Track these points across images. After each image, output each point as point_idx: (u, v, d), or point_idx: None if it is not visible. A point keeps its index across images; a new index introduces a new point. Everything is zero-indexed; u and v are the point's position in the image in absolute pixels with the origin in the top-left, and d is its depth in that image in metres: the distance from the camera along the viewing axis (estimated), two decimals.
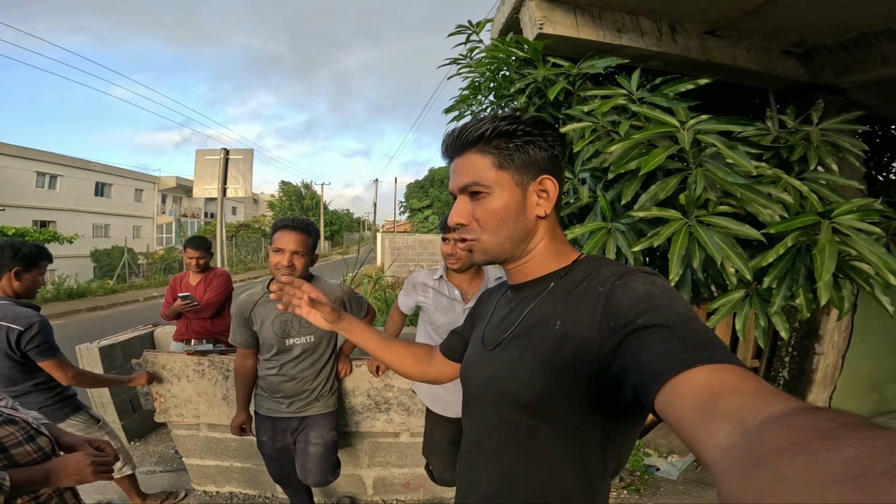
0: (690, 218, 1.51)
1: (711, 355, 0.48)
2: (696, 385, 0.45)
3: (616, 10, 2.43)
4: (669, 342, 0.52)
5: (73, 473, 1.13)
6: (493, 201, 0.73)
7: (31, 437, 1.14)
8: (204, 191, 5.55)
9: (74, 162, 22.24)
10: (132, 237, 23.27)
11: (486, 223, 0.74)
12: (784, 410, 0.35)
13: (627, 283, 0.63)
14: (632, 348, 0.55)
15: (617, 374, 0.57)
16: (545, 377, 0.66)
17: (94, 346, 3.21)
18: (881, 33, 2.47)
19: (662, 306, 0.57)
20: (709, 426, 0.40)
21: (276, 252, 1.82)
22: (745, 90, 3.24)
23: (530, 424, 0.69)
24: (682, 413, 0.44)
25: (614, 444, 0.68)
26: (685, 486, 2.76)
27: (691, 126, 1.53)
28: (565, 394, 0.65)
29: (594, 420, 0.65)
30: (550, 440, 0.68)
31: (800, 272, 1.55)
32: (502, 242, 0.75)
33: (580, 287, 0.69)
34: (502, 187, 0.73)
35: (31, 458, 1.11)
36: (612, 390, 0.59)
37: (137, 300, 13.38)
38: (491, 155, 0.73)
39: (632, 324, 0.57)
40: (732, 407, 0.40)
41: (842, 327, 3.14)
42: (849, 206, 1.49)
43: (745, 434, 0.36)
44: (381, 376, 2.35)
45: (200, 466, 2.67)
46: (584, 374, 0.62)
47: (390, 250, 15.05)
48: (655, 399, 0.49)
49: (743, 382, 0.43)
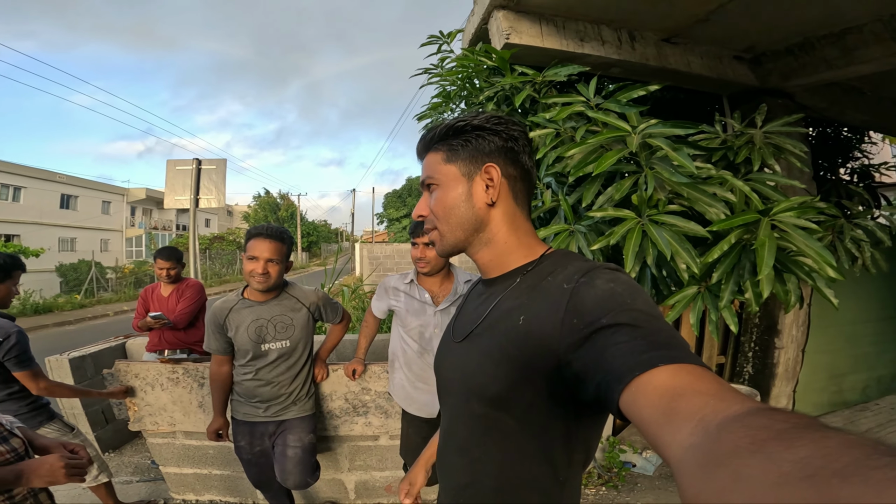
0: (643, 217, 1.62)
1: (674, 355, 0.49)
2: (659, 385, 0.46)
3: (579, 20, 2.56)
4: (633, 341, 0.52)
5: (44, 475, 1.14)
6: (441, 192, 0.78)
7: (3, 438, 1.15)
8: (175, 202, 5.45)
9: (38, 173, 21.46)
10: (100, 251, 22.52)
11: (437, 213, 0.79)
12: (742, 410, 0.36)
13: (591, 281, 0.63)
14: (596, 347, 0.56)
15: (578, 372, 0.58)
16: (509, 371, 0.67)
17: (65, 358, 3.13)
18: (823, 37, 2.65)
19: (626, 304, 0.58)
20: (671, 426, 0.41)
21: (250, 260, 1.86)
22: (704, 96, 3.42)
23: (496, 417, 0.71)
24: (646, 413, 0.45)
25: (578, 438, 0.70)
26: (661, 482, 2.85)
27: (641, 130, 1.64)
28: (528, 389, 0.66)
29: (556, 415, 0.67)
30: (515, 433, 0.70)
31: (745, 267, 1.67)
32: (454, 231, 0.78)
33: (545, 282, 0.70)
34: (449, 178, 0.78)
35: (4, 459, 1.13)
36: (572, 387, 0.60)
37: (107, 315, 12.97)
38: (441, 151, 0.79)
39: (595, 322, 0.57)
40: (694, 407, 0.41)
41: (799, 322, 3.31)
42: (788, 204, 1.62)
43: (705, 434, 0.36)
44: (358, 380, 2.38)
45: (178, 475, 2.64)
46: (545, 370, 0.63)
47: (369, 260, 15.01)
48: (620, 398, 0.49)
49: (704, 383, 0.44)
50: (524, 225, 0.80)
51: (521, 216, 0.80)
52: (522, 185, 0.79)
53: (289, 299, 2.03)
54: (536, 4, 2.37)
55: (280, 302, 2.01)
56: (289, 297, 2.04)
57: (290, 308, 2.02)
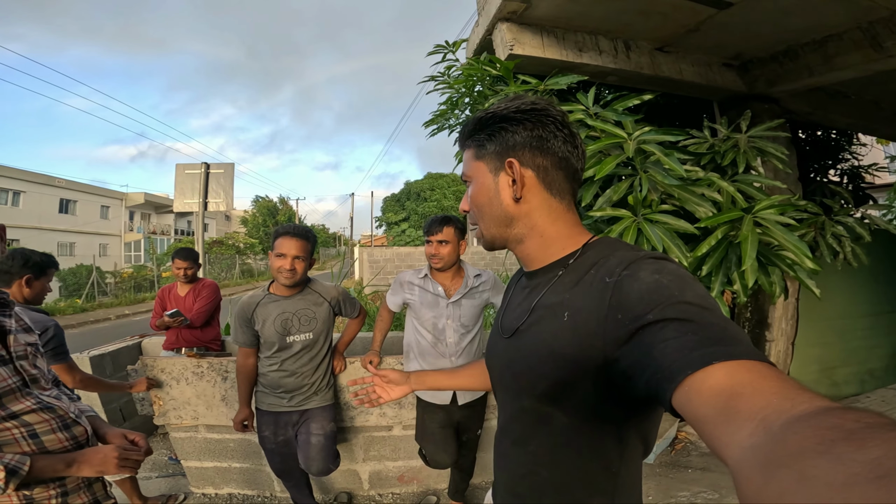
0: (638, 216, 1.78)
1: (730, 351, 0.46)
2: (715, 383, 0.44)
3: (578, 31, 2.73)
4: (684, 337, 0.50)
5: (96, 464, 1.14)
6: (474, 189, 0.79)
7: (66, 425, 1.16)
8: (185, 205, 5.61)
9: (38, 178, 21.54)
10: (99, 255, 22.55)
11: (473, 210, 0.81)
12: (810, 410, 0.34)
13: (635, 273, 0.60)
14: (643, 344, 0.53)
15: (625, 370, 0.56)
16: (555, 368, 0.67)
17: (85, 356, 3.26)
18: (806, 45, 2.81)
19: (673, 297, 0.55)
20: (730, 426, 0.39)
21: (278, 257, 2.01)
22: (696, 102, 3.58)
23: (547, 412, 0.71)
24: (702, 412, 0.43)
25: (631, 431, 0.69)
26: (662, 469, 2.96)
27: (636, 137, 1.81)
28: (576, 385, 0.65)
29: (606, 411, 0.66)
30: (566, 428, 0.69)
31: (732, 261, 1.83)
32: (489, 227, 0.79)
33: (588, 275, 0.67)
34: (479, 174, 0.78)
35: (62, 446, 1.13)
36: (621, 386, 0.58)
37: (108, 318, 13.08)
38: (472, 148, 0.80)
39: (641, 318, 0.55)
40: (755, 407, 0.39)
41: (788, 315, 3.48)
42: (769, 203, 1.79)
43: (767, 434, 0.35)
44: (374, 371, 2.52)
45: (199, 468, 2.77)
46: (592, 368, 0.62)
47: (369, 264, 15.15)
48: (672, 398, 0.47)
49: (765, 381, 0.42)
50: (565, 215, 0.76)
51: (560, 206, 0.76)
52: (559, 174, 0.74)
53: (312, 294, 2.18)
54: (538, 17, 2.53)
55: (304, 297, 2.16)
56: (312, 293, 2.19)
57: (313, 302, 2.17)
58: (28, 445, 1.08)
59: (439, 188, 28.42)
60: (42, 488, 1.10)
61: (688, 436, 3.31)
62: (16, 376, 1.09)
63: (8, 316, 1.17)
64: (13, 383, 1.07)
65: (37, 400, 1.12)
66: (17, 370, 1.09)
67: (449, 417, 2.21)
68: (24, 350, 1.16)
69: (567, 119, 0.77)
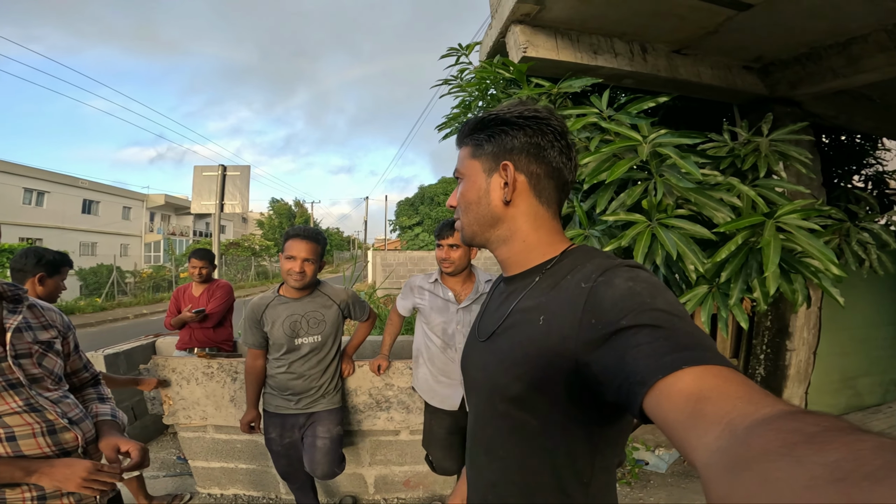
0: (653, 221, 1.73)
1: (699, 356, 0.48)
2: (683, 388, 0.45)
3: (593, 34, 2.69)
4: (655, 343, 0.51)
5: (57, 479, 1.07)
6: (464, 186, 0.80)
7: (52, 430, 1.11)
8: (202, 206, 5.69)
9: (62, 178, 22.12)
10: (119, 255, 23.08)
11: (460, 205, 0.82)
12: (772, 414, 0.36)
13: (610, 280, 0.62)
14: (616, 349, 0.54)
15: (597, 374, 0.57)
16: (529, 371, 0.67)
17: (100, 355, 3.31)
18: (829, 47, 2.73)
19: (646, 304, 0.56)
20: (698, 430, 0.41)
21: (288, 259, 2.01)
22: (715, 105, 3.51)
23: (519, 417, 0.71)
24: (671, 416, 0.45)
25: (602, 439, 0.69)
26: (674, 479, 2.92)
27: (651, 140, 1.76)
28: (548, 389, 0.66)
29: (577, 416, 0.66)
30: (537, 433, 0.70)
31: (752, 267, 1.77)
32: (471, 224, 0.81)
33: (564, 280, 0.69)
34: (472, 173, 0.79)
35: (41, 452, 1.09)
36: (592, 389, 0.59)
37: (127, 318, 13.33)
38: (469, 146, 0.80)
39: (615, 324, 0.56)
40: (721, 410, 0.40)
41: (810, 324, 3.37)
42: (791, 207, 1.72)
43: (733, 437, 0.36)
44: (382, 376, 2.51)
45: (206, 469, 2.78)
46: (564, 371, 0.62)
47: (382, 267, 15.19)
48: (644, 402, 0.49)
49: (731, 385, 0.43)
50: (549, 223, 0.78)
51: (546, 214, 0.78)
52: (549, 183, 0.76)
53: (321, 297, 2.17)
54: (552, 19, 2.50)
55: (313, 299, 2.15)
56: (321, 295, 2.18)
57: (322, 305, 2.16)
58: (3, 448, 1.06)
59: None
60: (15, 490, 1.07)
61: None
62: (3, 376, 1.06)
63: (17, 312, 1.16)
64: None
65: (26, 400, 1.09)
66: (9, 369, 1.07)
67: (456, 423, 2.18)
68: (29, 348, 1.15)
69: (566, 130, 0.78)
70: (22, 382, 1.09)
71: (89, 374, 1.42)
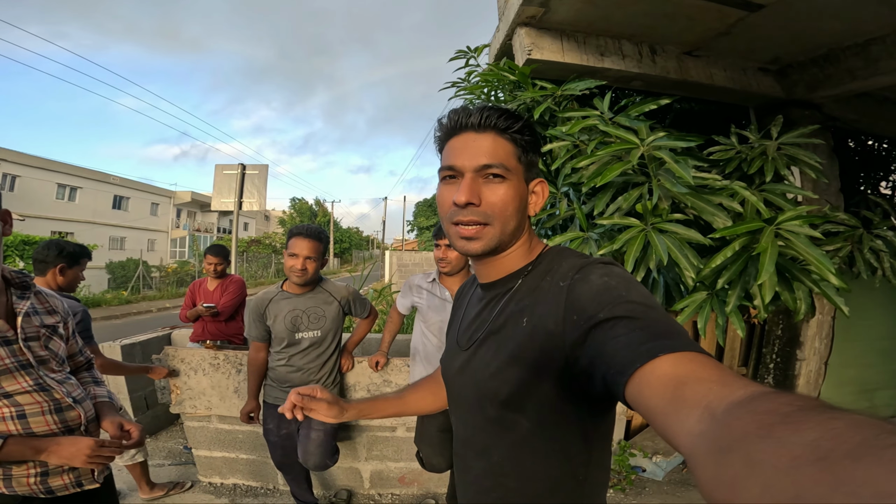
0: (648, 225, 1.71)
1: (673, 344, 0.50)
2: (661, 374, 0.47)
3: (599, 36, 2.66)
4: (632, 333, 0.53)
5: (65, 456, 1.13)
6: (511, 189, 0.73)
7: (59, 408, 1.17)
8: (221, 203, 5.84)
9: (94, 175, 22.84)
10: (147, 250, 23.75)
11: (500, 209, 0.73)
12: (746, 395, 0.37)
13: (586, 277, 0.64)
14: (596, 342, 0.57)
15: (585, 368, 0.59)
16: (519, 373, 0.68)
17: (117, 345, 3.44)
18: (847, 48, 2.64)
19: (621, 297, 0.59)
20: (678, 415, 0.42)
21: (291, 256, 2.08)
22: (730, 107, 3.43)
23: (511, 420, 0.71)
24: (652, 403, 0.46)
25: (595, 434, 0.71)
26: (670, 487, 2.87)
27: (649, 143, 1.74)
28: (539, 389, 0.67)
29: (571, 412, 0.68)
30: (531, 434, 0.70)
31: (751, 274, 1.73)
32: (506, 232, 0.74)
33: (544, 282, 0.71)
34: (518, 177, 0.74)
35: (49, 429, 1.15)
36: (582, 383, 0.61)
37: (150, 311, 13.74)
38: (516, 144, 0.74)
39: (594, 318, 0.58)
40: (698, 394, 0.41)
41: (822, 334, 3.26)
42: (795, 213, 1.68)
43: (712, 420, 0.37)
44: (380, 372, 2.54)
45: (208, 458, 2.86)
46: (554, 369, 0.64)
47: (398, 267, 15.31)
48: (625, 391, 0.50)
49: (706, 370, 0.45)
50: (531, 231, 0.82)
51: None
52: None
53: (322, 293, 2.23)
54: (558, 21, 2.49)
55: (315, 295, 2.20)
56: (323, 291, 2.23)
57: (324, 301, 2.21)
58: (14, 425, 1.11)
59: None
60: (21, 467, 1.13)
61: None
62: (15, 357, 1.12)
63: (25, 298, 1.23)
64: (10, 363, 1.11)
65: (35, 381, 1.15)
66: (20, 351, 1.14)
67: (449, 422, 2.18)
68: (37, 332, 1.21)
69: None
70: (31, 363, 1.15)
71: (84, 357, 1.50)
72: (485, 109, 0.74)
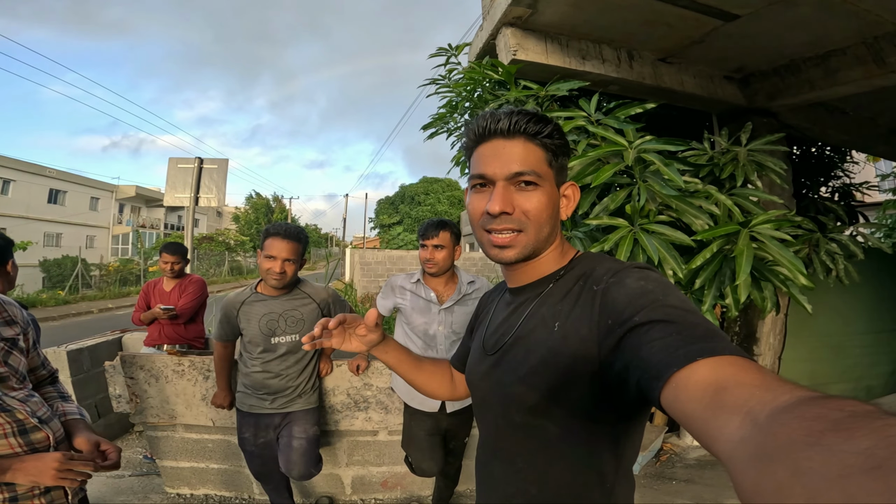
0: (635, 226, 1.75)
1: (712, 347, 0.48)
2: (700, 379, 0.45)
3: (582, 39, 2.71)
4: (668, 337, 0.52)
5: (31, 473, 1.06)
6: (544, 196, 0.73)
7: (23, 430, 1.09)
8: (175, 199, 5.50)
9: (28, 167, 21.25)
10: (85, 247, 22.21)
11: (535, 217, 0.72)
12: (792, 400, 0.35)
13: (622, 280, 0.63)
14: (631, 346, 0.55)
15: (619, 373, 0.58)
16: (548, 379, 0.67)
17: (62, 350, 3.18)
18: (808, 59, 2.81)
19: (657, 301, 0.57)
20: (718, 421, 0.40)
21: (267, 258, 1.95)
22: (695, 114, 3.59)
23: (539, 426, 0.70)
24: (690, 408, 0.44)
25: (627, 437, 0.70)
26: (647, 480, 2.95)
27: (637, 146, 1.78)
28: (569, 395, 0.66)
29: (601, 418, 0.67)
30: (559, 441, 0.69)
31: (726, 275, 1.81)
32: (541, 239, 0.74)
33: (576, 286, 0.70)
34: (550, 183, 0.74)
35: (13, 452, 1.08)
36: (615, 388, 0.60)
37: (91, 311, 12.85)
38: (547, 150, 0.73)
39: (629, 321, 0.57)
40: (739, 400, 0.39)
41: (776, 330, 3.47)
42: (765, 217, 1.77)
43: (755, 427, 0.35)
44: (361, 375, 2.47)
45: (175, 468, 2.69)
46: (586, 374, 0.63)
47: (360, 265, 15.00)
48: (661, 396, 0.48)
49: (747, 374, 0.43)
50: (562, 235, 0.82)
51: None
52: None
53: (300, 295, 2.13)
54: (543, 23, 2.51)
55: (292, 297, 2.10)
56: (300, 293, 2.13)
57: (301, 303, 2.11)
58: None
59: (434, 192, 28.41)
60: None
61: (673, 447, 3.29)
62: None
63: None
64: None
65: None
66: None
67: (437, 425, 2.16)
68: None
69: None
70: None
71: (47, 371, 1.35)
72: (514, 114, 0.73)
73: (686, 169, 2.00)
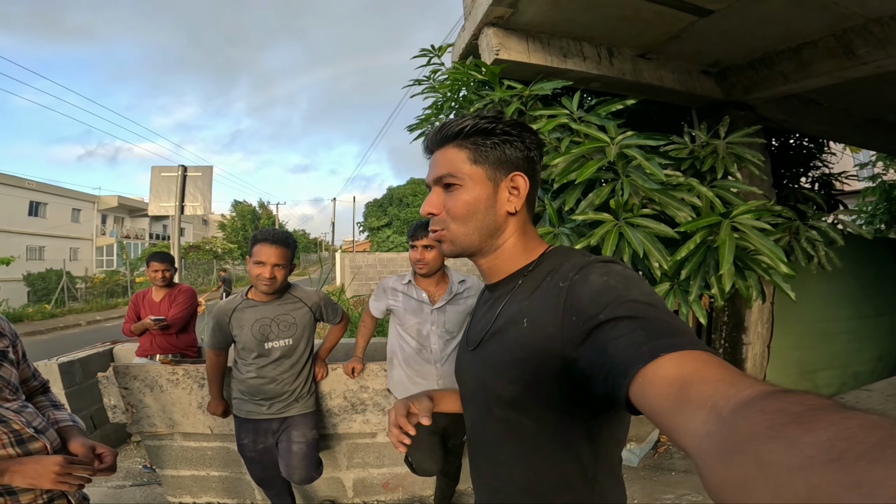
0: (620, 220, 1.80)
1: (676, 342, 0.49)
2: (665, 374, 0.46)
3: (563, 37, 2.75)
4: (633, 333, 0.52)
5: (30, 476, 1.06)
6: (465, 193, 0.76)
7: (20, 440, 1.10)
8: (160, 208, 5.45)
9: (7, 179, 20.80)
10: (69, 259, 21.79)
11: (455, 214, 0.76)
12: (754, 395, 0.36)
13: (586, 277, 0.64)
14: (597, 343, 0.56)
15: (584, 369, 0.58)
16: (520, 375, 0.68)
17: (53, 363, 3.14)
18: (781, 52, 2.89)
19: (621, 297, 0.58)
20: (684, 415, 0.41)
21: (257, 265, 1.96)
22: (675, 108, 3.66)
23: (515, 420, 0.72)
24: (656, 403, 0.45)
25: (603, 433, 0.70)
26: (646, 472, 2.98)
27: (618, 141, 1.83)
28: (541, 390, 0.67)
29: (574, 413, 0.67)
30: (535, 434, 0.70)
31: (710, 265, 1.87)
32: (470, 234, 0.77)
33: (544, 282, 0.71)
34: (474, 181, 0.76)
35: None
36: (582, 385, 0.60)
37: (79, 324, 12.66)
38: (467, 149, 0.76)
39: (594, 319, 0.58)
40: (704, 394, 0.40)
41: (763, 319, 3.55)
42: (746, 208, 1.83)
43: (719, 421, 0.36)
44: (357, 378, 2.48)
45: (175, 477, 2.68)
46: (555, 371, 0.63)
47: (350, 269, 14.95)
48: (629, 392, 0.49)
49: (711, 368, 0.44)
50: (531, 229, 0.82)
51: (530, 221, 0.82)
52: (534, 192, 0.81)
53: (292, 299, 2.14)
54: (524, 22, 2.54)
55: (283, 302, 2.11)
56: (292, 298, 2.14)
57: (293, 308, 2.12)
58: None
59: (422, 194, 28.34)
60: None
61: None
62: None
63: None
64: None
65: None
66: None
67: (435, 424, 2.18)
68: None
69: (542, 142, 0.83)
70: None
71: (38, 382, 1.36)
72: (442, 128, 0.79)
73: (667, 163, 2.05)
